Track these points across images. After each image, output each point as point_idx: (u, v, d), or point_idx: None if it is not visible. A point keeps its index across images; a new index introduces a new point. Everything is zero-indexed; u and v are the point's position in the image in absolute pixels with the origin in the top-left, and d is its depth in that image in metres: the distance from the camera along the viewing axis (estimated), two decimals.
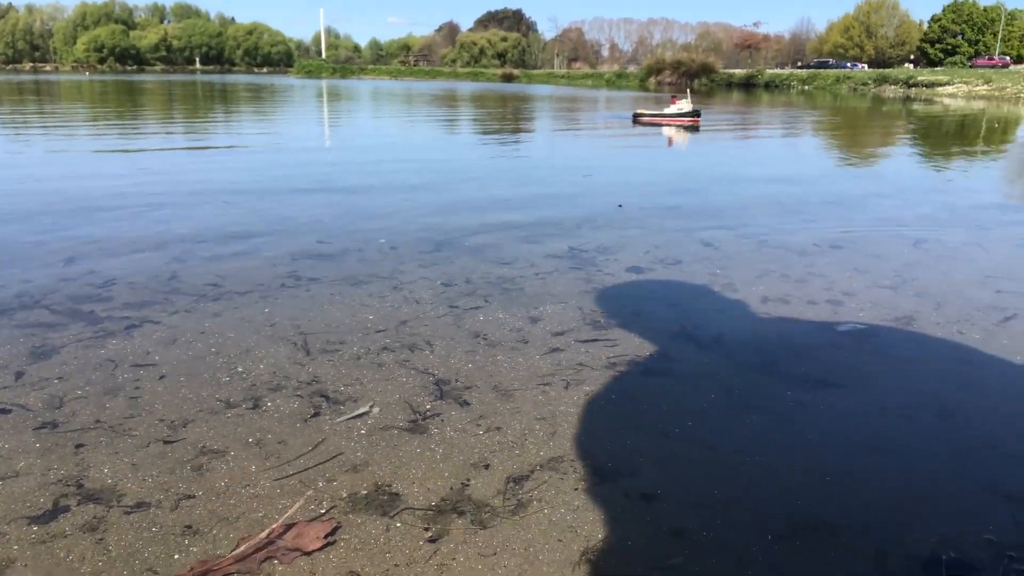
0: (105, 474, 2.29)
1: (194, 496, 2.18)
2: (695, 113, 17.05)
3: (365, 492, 2.21)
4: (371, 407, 2.74)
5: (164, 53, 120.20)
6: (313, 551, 1.96)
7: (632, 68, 79.70)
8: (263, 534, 2.01)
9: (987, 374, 3.11)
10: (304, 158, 10.71)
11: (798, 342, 3.45)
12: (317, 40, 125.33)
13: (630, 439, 2.53)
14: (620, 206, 6.82)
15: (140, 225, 5.80)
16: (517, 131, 16.95)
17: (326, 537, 2.01)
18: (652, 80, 60.99)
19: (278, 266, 4.62)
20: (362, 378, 2.99)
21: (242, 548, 1.95)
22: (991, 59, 59.63)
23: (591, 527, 2.04)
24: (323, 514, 2.11)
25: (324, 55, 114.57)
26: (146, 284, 4.21)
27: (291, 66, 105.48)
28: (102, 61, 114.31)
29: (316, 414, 2.70)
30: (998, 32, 65.88)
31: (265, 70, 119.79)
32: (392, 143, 13.67)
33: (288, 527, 2.06)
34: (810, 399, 2.84)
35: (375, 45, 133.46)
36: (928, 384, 2.99)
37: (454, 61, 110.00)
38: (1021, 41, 68.19)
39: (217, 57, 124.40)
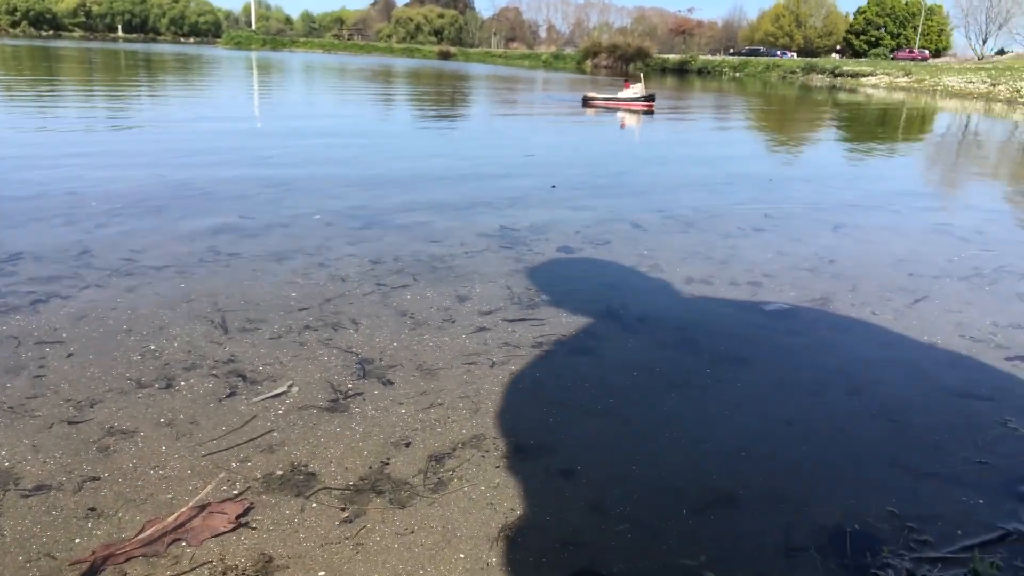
0: (2, 456, 2.17)
1: (99, 478, 2.10)
2: (650, 97, 16.95)
3: (280, 473, 2.17)
4: (290, 387, 2.68)
5: (83, 19, 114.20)
6: (224, 532, 1.91)
7: (569, 50, 79.85)
8: (171, 517, 1.94)
9: (896, 353, 3.23)
10: (230, 132, 10.36)
11: (719, 321, 3.53)
12: (247, 11, 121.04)
13: (553, 417, 2.54)
14: (553, 187, 6.83)
15: (50, 197, 5.51)
16: (455, 110, 16.79)
17: (238, 518, 1.96)
18: (589, 63, 61.22)
19: (197, 241, 4.47)
20: (282, 357, 2.92)
21: (149, 531, 1.89)
22: (911, 52, 61.96)
23: (510, 503, 2.05)
24: (236, 495, 2.06)
25: (254, 26, 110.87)
26: (55, 258, 4.01)
27: (219, 37, 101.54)
28: (15, 25, 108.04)
29: (232, 394, 2.62)
30: (918, 26, 68.41)
31: (192, 40, 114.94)
32: (324, 119, 13.35)
33: (199, 509, 2.00)
34: (728, 376, 2.91)
35: (307, 17, 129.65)
36: (840, 362, 3.09)
37: (389, 36, 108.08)
38: (939, 36, 70.98)
39: (141, 25, 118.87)
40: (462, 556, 1.84)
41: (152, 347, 2.97)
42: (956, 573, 1.82)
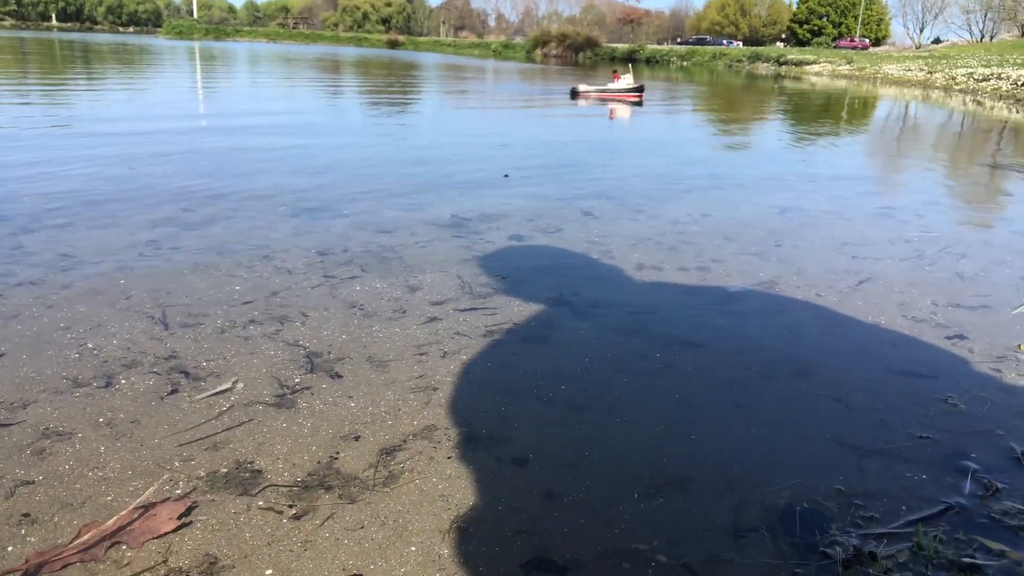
0: None
1: (33, 482, 2.01)
2: (639, 88, 16.77)
3: (225, 471, 2.10)
4: (235, 383, 2.61)
5: (14, 7, 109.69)
6: (166, 533, 1.84)
7: (519, 39, 79.72)
8: (111, 520, 1.87)
9: (841, 334, 3.30)
10: (172, 122, 10.06)
11: (669, 306, 3.55)
12: (188, 0, 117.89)
13: (505, 406, 2.52)
14: (506, 176, 6.80)
15: None
16: (405, 99, 16.59)
17: (180, 518, 1.89)
18: (539, 52, 61.18)
19: (137, 234, 4.32)
20: (226, 353, 2.84)
21: (86, 536, 1.81)
22: (852, 41, 63.44)
23: (463, 495, 2.02)
24: (179, 495, 1.99)
25: (196, 15, 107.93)
26: None
27: (160, 26, 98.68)
28: None
29: (174, 391, 2.54)
30: (859, 16, 70.01)
31: (131, 30, 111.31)
32: (269, 108, 13.06)
33: (140, 510, 1.93)
34: (678, 360, 2.92)
35: (251, 6, 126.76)
36: (787, 344, 3.14)
37: (336, 25, 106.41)
38: (878, 25, 72.74)
39: (76, 14, 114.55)
40: (414, 549, 1.81)
41: (90, 345, 2.86)
42: (901, 547, 1.85)
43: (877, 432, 2.43)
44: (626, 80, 16.88)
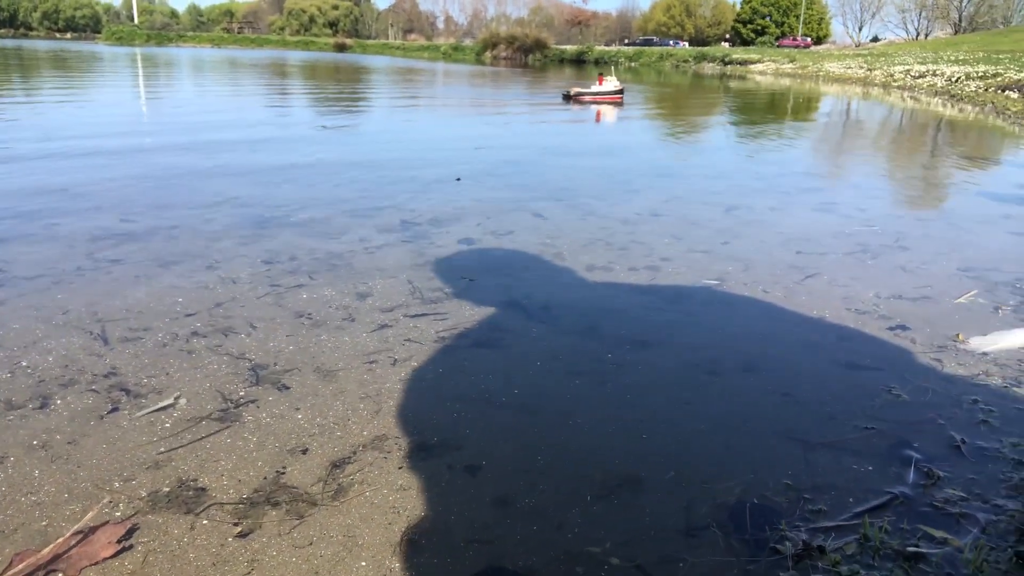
0: None
1: None
2: (620, 91, 17.55)
3: (168, 490, 2.04)
4: (177, 398, 2.53)
5: None
6: (106, 559, 1.77)
7: (468, 41, 79.62)
8: (47, 548, 1.79)
9: (787, 329, 3.35)
10: (113, 130, 9.78)
11: (620, 306, 3.56)
12: (128, 4, 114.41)
13: (457, 412, 2.50)
14: (458, 179, 6.76)
15: None
16: (353, 103, 16.42)
17: (120, 542, 1.83)
18: (488, 54, 61.17)
19: (75, 247, 4.18)
20: (168, 367, 2.76)
21: (19, 566, 1.74)
22: (795, 40, 64.87)
23: (414, 506, 1.99)
24: (119, 518, 1.92)
25: (136, 21, 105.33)
26: None
27: (99, 32, 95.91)
28: None
29: (114, 409, 2.45)
30: (800, 15, 71.62)
31: (69, 36, 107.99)
32: (215, 115, 12.79)
33: (78, 535, 1.85)
34: (629, 360, 2.93)
35: (194, 11, 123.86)
36: (735, 340, 3.18)
37: (282, 29, 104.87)
38: (819, 24, 74.50)
39: (10, 20, 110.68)
40: (364, 564, 1.77)
41: (24, 363, 2.75)
42: (849, 540, 1.88)
43: (824, 425, 2.47)
44: (611, 83, 17.60)
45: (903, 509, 2.03)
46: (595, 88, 17.30)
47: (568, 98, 17.23)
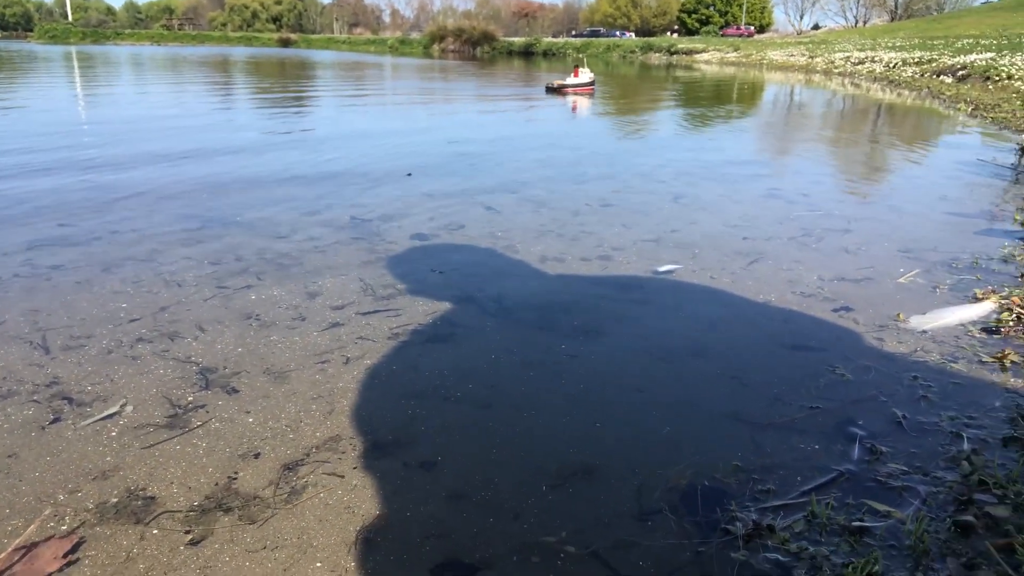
0: None
1: None
2: (591, 82, 18.80)
3: (116, 500, 1.99)
4: (123, 406, 2.48)
5: None
6: (50, 573, 1.73)
7: (415, 35, 79.08)
8: None
9: (735, 313, 3.41)
10: (51, 129, 9.45)
11: (572, 297, 3.58)
12: (61, 2, 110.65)
13: (411, 409, 2.49)
14: (409, 174, 6.72)
15: None
16: (299, 99, 16.16)
17: (66, 556, 1.78)
18: (436, 47, 60.85)
19: (10, 255, 4.04)
20: (113, 375, 2.69)
21: None
22: (738, 29, 65.99)
23: (369, 505, 1.98)
24: (65, 531, 1.87)
25: (71, 18, 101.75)
26: None
27: (31, 30, 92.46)
28: None
29: (57, 419, 2.39)
30: (743, 4, 72.73)
31: None
32: (157, 114, 12.46)
33: (21, 551, 1.80)
34: (582, 350, 2.96)
35: (131, 7, 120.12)
36: (685, 327, 3.23)
37: (224, 25, 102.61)
38: (762, 13, 75.75)
39: None
40: (319, 566, 1.76)
41: None
42: (797, 517, 1.93)
43: (772, 406, 2.53)
44: (585, 74, 18.74)
45: (848, 485, 2.09)
46: (571, 80, 18.46)
47: (551, 90, 18.27)
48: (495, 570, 1.75)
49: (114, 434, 2.31)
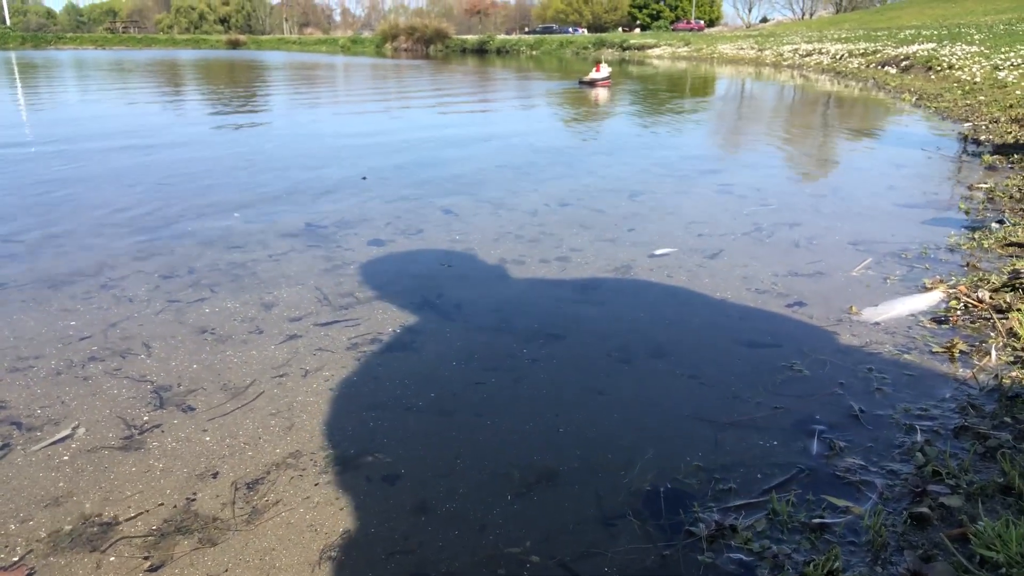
0: None
1: None
2: (609, 75, 20.44)
3: (70, 527, 1.94)
4: (75, 428, 2.41)
5: None
6: None
7: (367, 33, 78.41)
8: None
9: (692, 312, 3.45)
10: None
11: (532, 300, 3.59)
12: None
13: (372, 421, 2.47)
14: (364, 178, 6.65)
15: None
16: (248, 103, 15.88)
17: None
18: (389, 46, 60.42)
19: None
20: (63, 396, 2.61)
21: None
22: (689, 23, 66.73)
23: (332, 522, 1.96)
24: (15, 563, 1.81)
25: (8, 22, 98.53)
26: None
27: None
28: None
29: (5, 445, 2.31)
30: None
31: None
32: (102, 122, 12.13)
33: None
34: (543, 354, 2.96)
35: (73, 10, 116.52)
36: (644, 327, 3.25)
37: (171, 27, 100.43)
38: (711, 6, 76.77)
39: None
40: None
41: None
42: (758, 516, 1.96)
43: (731, 405, 2.56)
44: (605, 69, 20.42)
45: (808, 481, 2.13)
46: (597, 75, 20.36)
47: (584, 83, 20.22)
48: None
49: (66, 458, 2.25)
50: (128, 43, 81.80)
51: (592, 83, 20.24)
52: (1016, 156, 7.29)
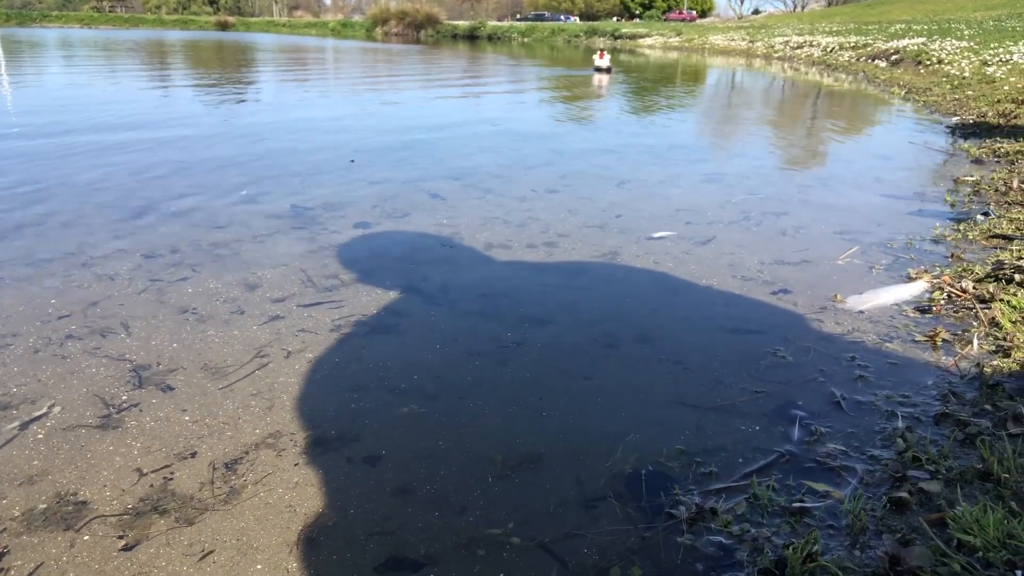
0: None
1: None
2: (609, 67, 21.03)
3: (44, 507, 1.91)
4: (51, 407, 2.37)
5: None
6: None
7: (357, 17, 77.76)
8: None
9: (678, 298, 3.45)
10: None
11: (518, 284, 3.57)
12: None
13: (355, 402, 2.45)
14: (352, 161, 6.60)
15: None
16: (237, 84, 15.71)
17: None
18: (379, 30, 59.97)
19: None
20: (40, 375, 2.58)
21: None
22: (681, 13, 66.60)
23: (311, 503, 1.94)
24: None
25: None
26: None
27: None
28: None
29: None
30: None
31: None
32: (87, 101, 11.97)
33: None
34: (528, 338, 2.95)
35: None
36: (629, 313, 3.24)
37: (159, 7, 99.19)
38: None
39: None
40: (260, 567, 1.71)
41: None
42: (739, 500, 1.96)
43: (714, 390, 2.56)
44: (607, 58, 20.97)
45: (789, 466, 2.13)
46: (600, 62, 20.85)
47: (600, 70, 20.63)
48: (441, 566, 1.73)
49: (41, 436, 2.22)
50: (115, 22, 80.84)
51: (599, 69, 20.98)
52: (990, 140, 7.31)
